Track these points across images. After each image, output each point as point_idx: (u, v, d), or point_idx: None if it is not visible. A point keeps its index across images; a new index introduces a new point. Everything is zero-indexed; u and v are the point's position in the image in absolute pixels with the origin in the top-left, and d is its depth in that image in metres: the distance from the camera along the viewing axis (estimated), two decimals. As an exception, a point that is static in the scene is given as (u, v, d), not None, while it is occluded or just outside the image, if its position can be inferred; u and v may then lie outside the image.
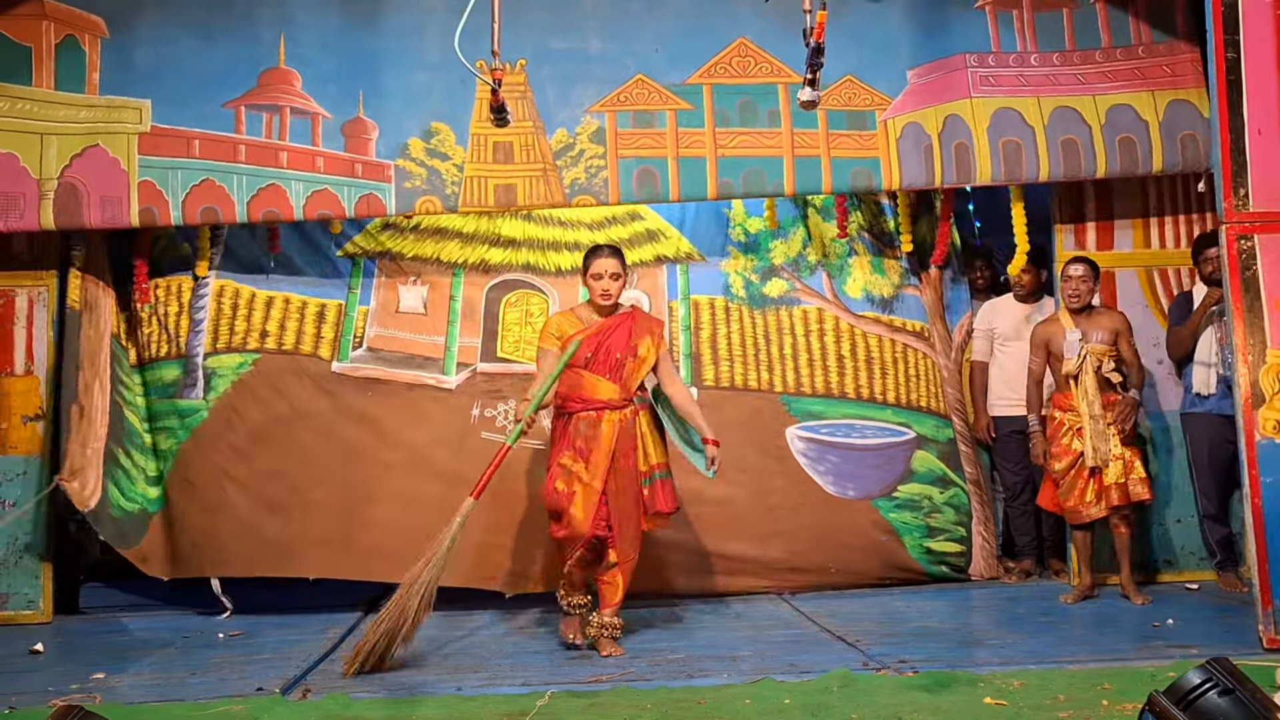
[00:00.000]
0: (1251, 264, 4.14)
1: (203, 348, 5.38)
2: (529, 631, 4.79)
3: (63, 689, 3.77)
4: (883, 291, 5.81)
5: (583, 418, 4.31)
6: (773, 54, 5.24)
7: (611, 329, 4.39)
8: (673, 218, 5.81)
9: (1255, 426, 4.06)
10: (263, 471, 5.26)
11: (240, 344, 5.39)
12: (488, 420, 5.42)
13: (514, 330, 5.56)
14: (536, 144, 5.19)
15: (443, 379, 5.46)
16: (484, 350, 5.52)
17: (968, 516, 5.69)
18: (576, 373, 4.34)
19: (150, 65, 5.13)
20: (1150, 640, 4.22)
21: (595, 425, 4.29)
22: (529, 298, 5.63)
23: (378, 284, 5.56)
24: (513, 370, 5.50)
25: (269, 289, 5.49)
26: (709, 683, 3.69)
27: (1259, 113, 4.16)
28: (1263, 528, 4.03)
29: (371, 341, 5.49)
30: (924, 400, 5.75)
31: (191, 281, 5.46)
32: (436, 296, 5.57)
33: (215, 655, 4.40)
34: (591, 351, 4.34)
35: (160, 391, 5.40)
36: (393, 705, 3.52)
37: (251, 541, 5.18)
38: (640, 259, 5.71)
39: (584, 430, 4.29)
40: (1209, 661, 2.57)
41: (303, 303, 5.50)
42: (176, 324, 5.43)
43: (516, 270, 5.65)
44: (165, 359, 5.41)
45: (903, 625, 4.68)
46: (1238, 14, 4.18)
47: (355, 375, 5.41)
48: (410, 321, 5.55)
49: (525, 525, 5.27)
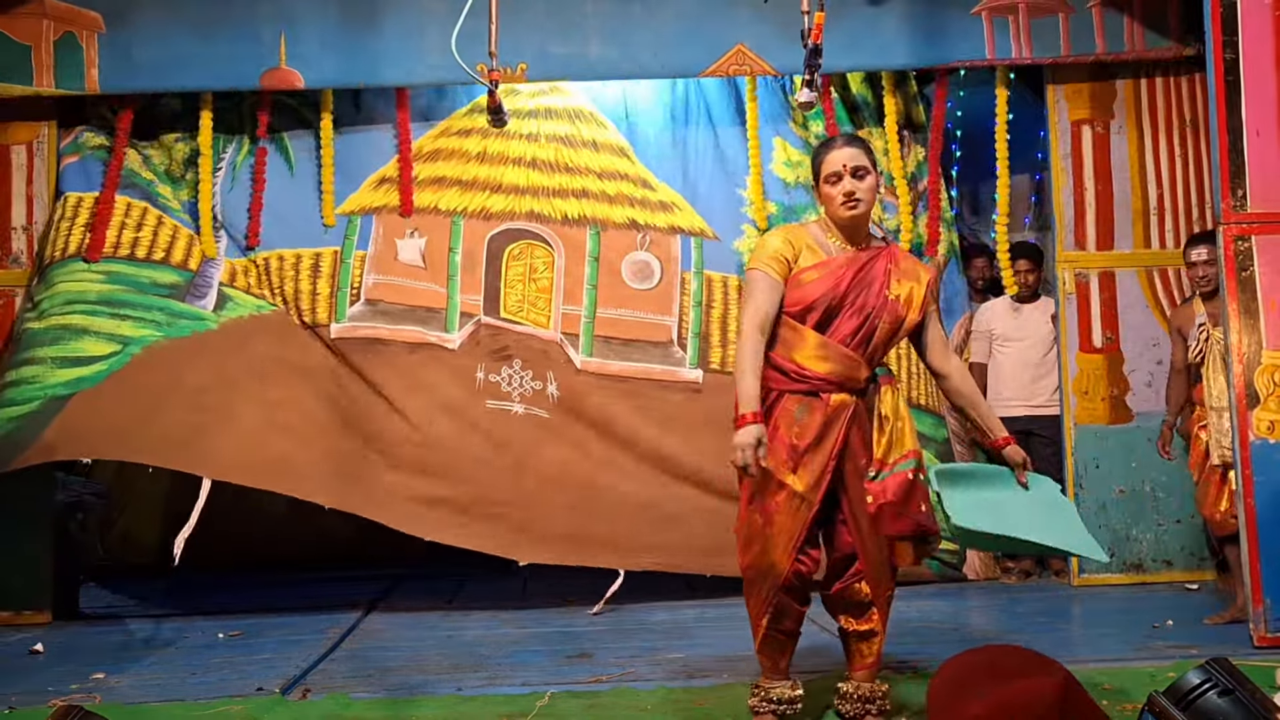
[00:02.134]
0: (1248, 265, 4.15)
1: (219, 276, 5.26)
2: (529, 631, 4.79)
3: (62, 689, 3.76)
4: None
5: (796, 400, 2.99)
6: (770, 62, 5.26)
7: (864, 265, 3.01)
8: (687, 191, 5.69)
9: (1250, 427, 4.07)
10: (276, 399, 5.03)
11: (259, 294, 5.27)
12: (493, 386, 5.25)
13: (517, 289, 5.39)
14: None
15: (445, 337, 5.29)
16: (486, 308, 5.36)
17: (963, 516, 5.67)
18: (795, 329, 2.99)
19: (149, 60, 5.15)
20: (1150, 640, 4.23)
21: (815, 411, 2.97)
22: (533, 249, 5.45)
23: (375, 237, 5.40)
24: (517, 329, 5.34)
25: (266, 249, 5.36)
26: (709, 683, 3.69)
27: (1257, 114, 4.16)
28: (1255, 528, 4.04)
29: (370, 292, 5.32)
30: (922, 399, 5.76)
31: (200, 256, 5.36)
32: (435, 248, 5.40)
33: (215, 655, 4.40)
34: (836, 299, 2.97)
35: (145, 288, 5.16)
36: (392, 705, 3.52)
37: (255, 455, 4.89)
38: (654, 223, 5.57)
39: (798, 416, 2.97)
40: (1209, 662, 2.57)
41: (296, 256, 5.35)
42: (188, 250, 5.27)
43: (519, 218, 5.48)
44: (164, 264, 5.23)
45: (902, 626, 4.67)
46: (1236, 15, 4.18)
47: (355, 336, 5.24)
48: (410, 273, 5.38)
49: (533, 495, 5.11)
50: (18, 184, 5.32)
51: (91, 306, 5.03)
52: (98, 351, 4.95)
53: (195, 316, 5.14)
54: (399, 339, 5.25)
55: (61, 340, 4.95)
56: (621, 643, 4.46)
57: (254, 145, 5.55)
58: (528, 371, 5.27)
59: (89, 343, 4.97)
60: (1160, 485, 5.47)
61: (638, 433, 5.24)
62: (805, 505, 2.93)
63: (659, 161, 5.77)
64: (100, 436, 4.80)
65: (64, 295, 5.06)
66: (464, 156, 5.60)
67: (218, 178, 5.48)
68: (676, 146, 5.81)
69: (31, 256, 5.34)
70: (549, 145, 5.62)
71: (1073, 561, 5.51)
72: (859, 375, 2.99)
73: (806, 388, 2.97)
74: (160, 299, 5.13)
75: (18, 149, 5.33)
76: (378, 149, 5.58)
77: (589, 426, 5.25)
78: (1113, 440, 5.52)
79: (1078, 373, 5.56)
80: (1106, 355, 5.58)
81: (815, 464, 2.95)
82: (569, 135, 5.66)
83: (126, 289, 5.14)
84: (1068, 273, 5.61)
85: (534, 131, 5.64)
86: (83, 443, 4.80)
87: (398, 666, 4.08)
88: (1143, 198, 5.62)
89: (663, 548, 5.08)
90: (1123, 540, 5.48)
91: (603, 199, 5.56)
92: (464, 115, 5.68)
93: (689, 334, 5.45)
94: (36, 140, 5.35)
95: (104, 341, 4.97)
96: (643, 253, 5.45)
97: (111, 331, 5.00)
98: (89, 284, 5.08)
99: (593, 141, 5.67)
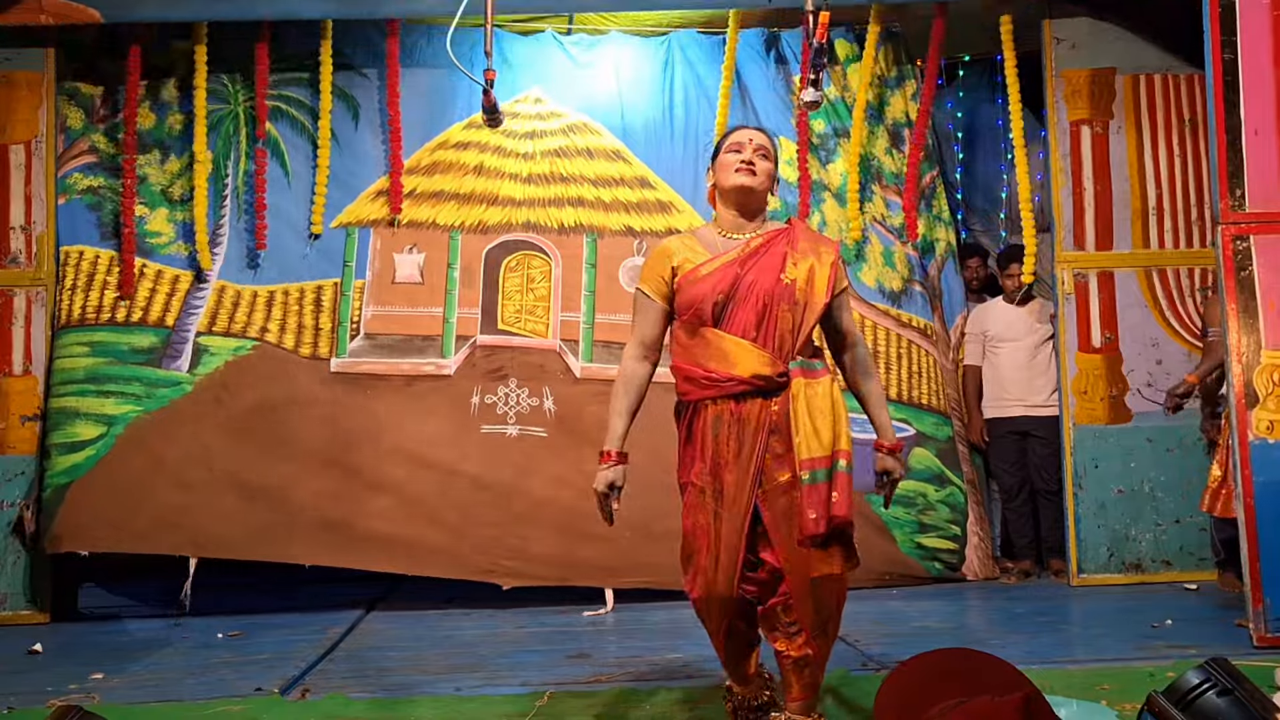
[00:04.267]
0: (1247, 264, 4.15)
1: (196, 326, 5.31)
2: (528, 631, 4.79)
3: (61, 689, 3.76)
4: (893, 284, 5.81)
5: (712, 411, 2.78)
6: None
7: (755, 252, 2.80)
8: (684, 190, 5.72)
9: (1249, 427, 4.07)
10: (253, 454, 5.14)
11: (240, 332, 5.34)
12: (488, 409, 5.33)
13: (514, 299, 5.46)
14: None
15: (441, 363, 5.37)
16: (483, 322, 5.43)
17: (963, 515, 5.70)
18: (694, 332, 2.81)
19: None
20: (1149, 640, 4.23)
21: (735, 421, 2.76)
22: (530, 260, 5.52)
23: (373, 253, 5.48)
24: (513, 344, 5.41)
25: (268, 284, 5.44)
26: (709, 683, 3.68)
27: (1255, 113, 4.17)
28: (1255, 527, 4.04)
29: (369, 325, 5.41)
30: (925, 397, 5.76)
31: (191, 275, 5.43)
32: (434, 263, 5.47)
33: (214, 655, 4.39)
34: (724, 293, 2.76)
35: (124, 356, 5.25)
36: (391, 706, 3.52)
37: (235, 525, 5.05)
38: (650, 228, 5.62)
39: (716, 429, 2.77)
40: (1208, 662, 2.57)
41: (300, 290, 5.43)
42: (166, 304, 5.34)
43: (516, 229, 5.55)
44: (140, 325, 5.31)
45: (901, 625, 4.68)
46: (1235, 15, 4.18)
47: (354, 372, 5.34)
48: (407, 294, 5.46)
49: (524, 518, 5.22)
50: (16, 184, 5.32)
51: (80, 386, 5.21)
52: (87, 435, 5.15)
53: (171, 383, 5.27)
54: (396, 372, 5.38)
55: (60, 425, 5.16)
56: (620, 643, 4.46)
57: (251, 146, 5.59)
58: (524, 389, 5.37)
59: (80, 426, 5.17)
60: (1159, 485, 5.47)
61: (633, 443, 5.21)
62: (733, 527, 2.70)
63: (657, 159, 5.79)
64: (97, 529, 5.02)
65: (62, 374, 5.24)
66: (461, 170, 5.67)
67: (225, 201, 5.54)
68: (675, 143, 5.82)
69: (30, 256, 5.34)
70: (544, 160, 5.70)
71: (1072, 561, 5.51)
72: (771, 372, 2.72)
73: (718, 392, 2.75)
74: (138, 367, 5.25)
75: (16, 148, 5.34)
76: (374, 163, 5.65)
77: (585, 442, 5.26)
78: (1112, 440, 5.52)
79: (1077, 373, 5.56)
80: (1105, 355, 5.58)
81: (735, 480, 2.72)
82: (564, 147, 5.73)
83: (109, 360, 5.27)
84: (1066, 273, 5.61)
85: (530, 150, 5.72)
86: (84, 537, 5.03)
87: (397, 666, 4.08)
88: (1141, 197, 5.62)
89: (654, 566, 5.10)
90: (1122, 540, 5.48)
91: (598, 206, 5.63)
92: (461, 129, 5.74)
93: None
94: (35, 140, 5.35)
95: (92, 424, 5.16)
96: (640, 258, 5.49)
97: (98, 412, 5.18)
98: (78, 359, 5.26)
99: (587, 149, 5.74)
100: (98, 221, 5.42)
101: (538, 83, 5.80)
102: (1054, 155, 5.67)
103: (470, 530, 5.19)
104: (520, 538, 5.21)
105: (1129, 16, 5.57)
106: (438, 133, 5.71)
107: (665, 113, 5.85)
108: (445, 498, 5.20)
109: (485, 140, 5.65)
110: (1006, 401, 5.78)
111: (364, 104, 5.69)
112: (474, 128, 5.63)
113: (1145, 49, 5.62)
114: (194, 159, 5.48)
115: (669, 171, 5.77)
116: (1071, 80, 5.64)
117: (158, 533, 5.04)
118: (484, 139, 5.65)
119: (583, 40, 5.98)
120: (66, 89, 5.50)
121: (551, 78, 5.83)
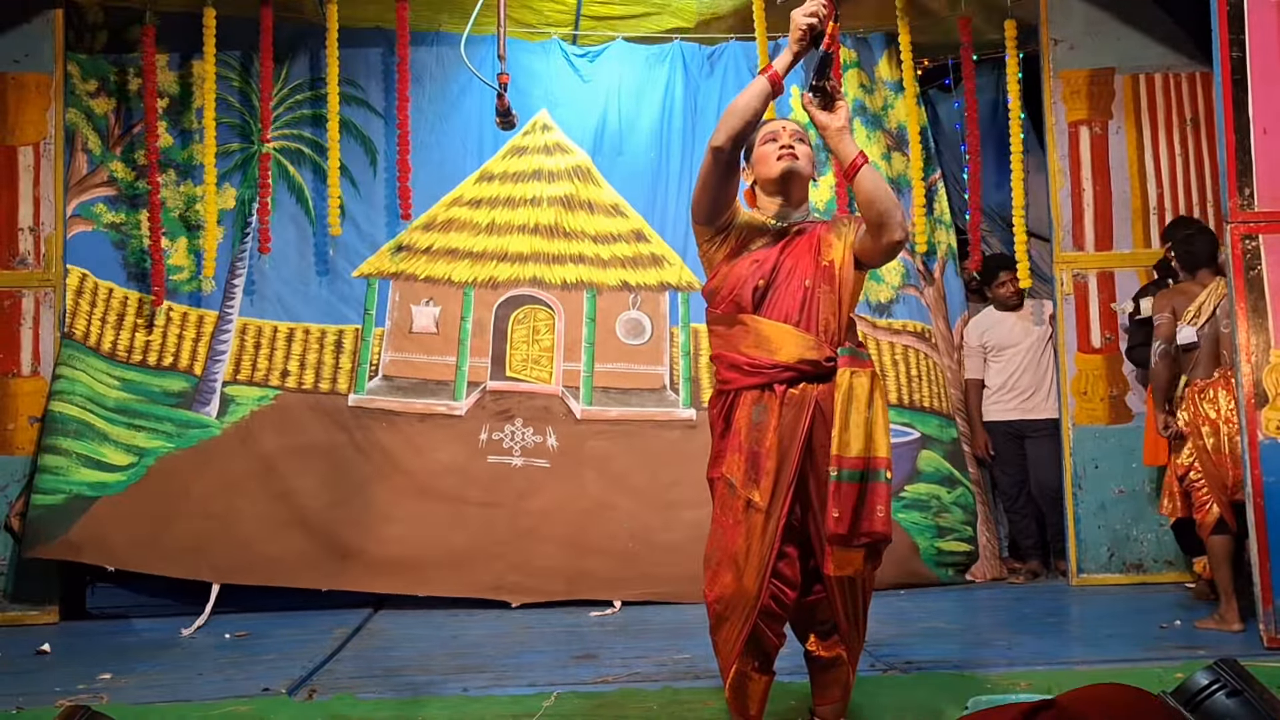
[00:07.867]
0: (1256, 264, 4.14)
1: (222, 375, 5.53)
2: (535, 632, 4.80)
3: (70, 689, 3.77)
4: (880, 297, 5.85)
5: (752, 399, 2.73)
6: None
7: (793, 237, 2.79)
8: (676, 244, 5.89)
9: (1258, 427, 4.06)
10: (275, 487, 5.38)
11: (262, 379, 5.55)
12: (495, 443, 5.57)
13: (521, 349, 5.73)
14: None
15: (454, 405, 5.62)
16: (493, 369, 5.70)
17: (974, 516, 5.71)
18: (738, 323, 2.76)
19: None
20: (1157, 641, 4.22)
21: (778, 409, 2.69)
22: (535, 313, 5.78)
23: (392, 304, 5.73)
24: (520, 389, 5.67)
25: (289, 320, 5.64)
26: (715, 684, 3.68)
27: (1264, 112, 4.16)
28: (1264, 528, 4.03)
29: (387, 368, 5.67)
30: (926, 400, 5.76)
31: (215, 316, 5.59)
32: (448, 316, 5.73)
33: (222, 656, 4.41)
34: (765, 277, 2.74)
35: (157, 397, 5.45)
36: (399, 706, 3.52)
37: (256, 554, 5.27)
38: (644, 282, 5.83)
39: (757, 417, 2.70)
40: (1217, 662, 2.56)
41: (321, 332, 5.65)
42: (193, 351, 5.53)
43: (524, 285, 5.80)
44: (171, 370, 5.50)
45: (909, 626, 4.68)
46: (1243, 13, 4.17)
47: (371, 407, 5.58)
48: (423, 343, 5.72)
49: (528, 535, 5.40)
50: (25, 186, 5.34)
51: (109, 414, 5.36)
52: (118, 461, 5.31)
53: (201, 424, 5.47)
54: (411, 410, 5.62)
55: (84, 438, 5.27)
56: (627, 643, 4.46)
57: (275, 187, 5.72)
58: (529, 428, 5.63)
59: (109, 450, 5.31)
60: (1159, 485, 5.45)
61: (633, 467, 5.55)
62: (771, 521, 2.63)
63: (650, 211, 5.97)
64: (123, 546, 5.19)
65: (85, 389, 5.34)
66: (474, 228, 5.87)
67: (245, 237, 5.66)
68: (669, 198, 5.97)
69: (39, 258, 5.35)
70: (550, 209, 5.85)
71: (1071, 561, 5.51)
72: (817, 356, 2.67)
73: (762, 379, 2.69)
74: (169, 408, 5.46)
75: (25, 150, 5.35)
76: (393, 212, 5.81)
77: (586, 466, 5.56)
78: (1112, 441, 5.52)
79: (1076, 373, 5.56)
80: (1105, 356, 5.57)
81: (776, 470, 2.65)
82: (569, 196, 5.88)
83: (140, 399, 5.45)
84: (1066, 273, 5.60)
85: (537, 195, 5.88)
86: (106, 551, 5.19)
87: (404, 667, 4.09)
88: (1142, 197, 5.61)
89: (657, 578, 5.30)
90: (1123, 540, 5.48)
91: (597, 263, 5.86)
92: (474, 183, 5.91)
93: (680, 379, 5.73)
94: (44, 142, 5.37)
95: (123, 452, 5.33)
96: (634, 311, 5.79)
97: (129, 442, 5.35)
98: (107, 388, 5.40)
99: (589, 202, 5.91)
100: (122, 260, 5.56)
101: (545, 104, 5.95)
102: (1052, 156, 5.66)
103: (477, 550, 5.39)
104: (525, 554, 5.39)
105: (1128, 16, 5.56)
106: (453, 186, 5.90)
107: (660, 177, 6.00)
108: (453, 522, 5.42)
109: (496, 194, 5.86)
110: (1004, 403, 5.78)
111: (381, 148, 5.86)
112: (485, 179, 5.87)
113: (1144, 48, 5.61)
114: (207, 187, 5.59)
115: (661, 225, 5.92)
116: (1070, 81, 5.63)
117: (180, 558, 5.23)
118: (495, 194, 5.85)
119: (588, 52, 6.07)
120: (81, 105, 5.54)
121: (559, 98, 5.97)
